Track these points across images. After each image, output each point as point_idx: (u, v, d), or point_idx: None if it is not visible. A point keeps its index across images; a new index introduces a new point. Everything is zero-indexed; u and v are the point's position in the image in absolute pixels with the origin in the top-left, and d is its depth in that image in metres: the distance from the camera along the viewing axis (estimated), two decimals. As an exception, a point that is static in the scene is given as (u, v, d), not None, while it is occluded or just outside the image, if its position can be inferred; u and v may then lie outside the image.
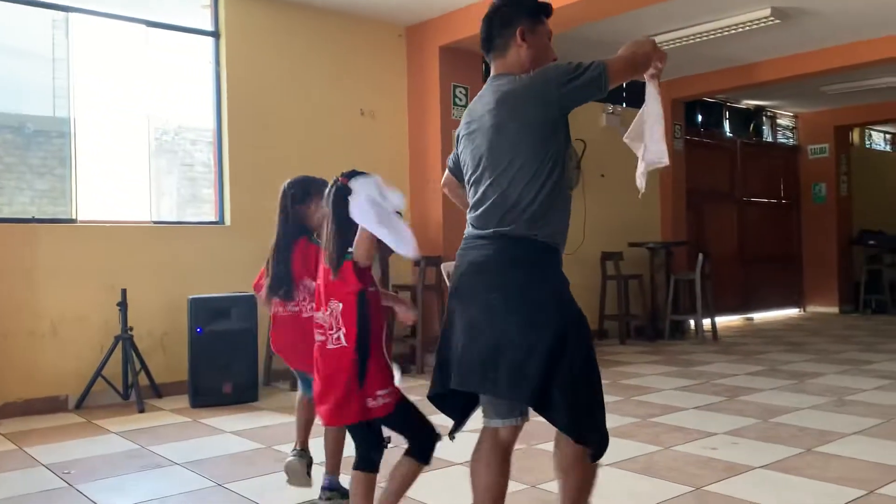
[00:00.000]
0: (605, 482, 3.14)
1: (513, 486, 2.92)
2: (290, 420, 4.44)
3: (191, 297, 5.06)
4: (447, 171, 2.50)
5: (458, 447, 2.30)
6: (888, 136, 13.00)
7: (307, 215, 2.93)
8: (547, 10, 2.26)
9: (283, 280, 2.91)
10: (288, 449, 3.77)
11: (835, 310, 10.75)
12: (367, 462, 2.33)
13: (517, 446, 2.27)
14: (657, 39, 7.07)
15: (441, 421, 2.33)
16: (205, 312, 5.02)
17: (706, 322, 8.03)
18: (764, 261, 10.58)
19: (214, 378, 4.96)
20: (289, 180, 3.00)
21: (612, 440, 3.14)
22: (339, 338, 2.24)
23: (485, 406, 2.20)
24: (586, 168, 8.21)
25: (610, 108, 8.54)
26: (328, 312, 2.26)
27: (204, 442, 4.01)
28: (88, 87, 5.30)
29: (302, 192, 2.98)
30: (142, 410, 4.77)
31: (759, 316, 10.27)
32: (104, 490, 3.18)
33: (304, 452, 3.07)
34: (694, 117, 9.98)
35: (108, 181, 5.43)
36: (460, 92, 6.64)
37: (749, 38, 7.15)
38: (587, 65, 2.07)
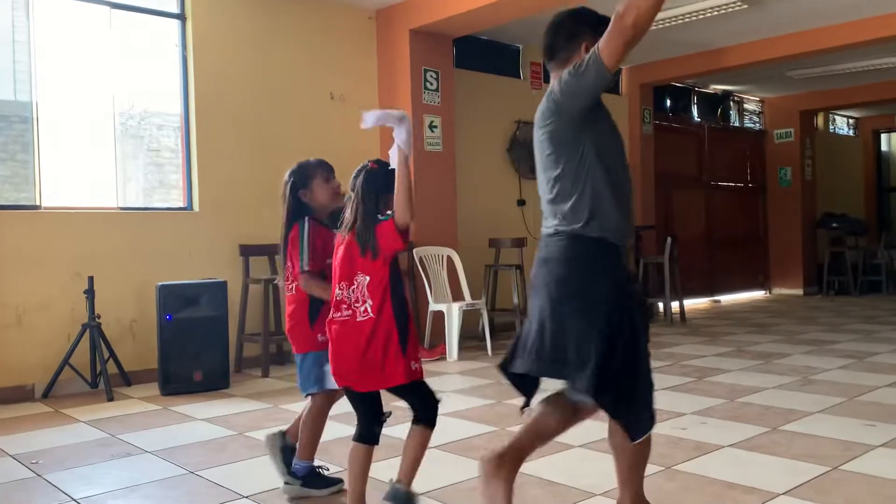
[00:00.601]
0: (578, 462, 3.19)
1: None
2: (262, 406, 4.44)
3: (159, 283, 5.00)
4: None
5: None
6: (851, 121, 13.23)
7: (312, 197, 2.98)
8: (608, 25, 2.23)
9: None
10: (260, 435, 3.76)
11: (799, 292, 10.96)
12: (371, 435, 2.47)
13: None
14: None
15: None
16: (174, 299, 4.96)
17: (674, 305, 8.14)
18: (731, 244, 10.75)
19: (185, 366, 4.92)
20: (288, 171, 3.09)
21: (584, 422, 3.18)
22: (366, 309, 2.38)
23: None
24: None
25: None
26: (353, 287, 2.39)
27: (175, 429, 3.98)
28: (51, 70, 5.18)
29: (302, 177, 3.02)
30: (111, 399, 4.72)
31: (726, 298, 10.44)
32: (74, 479, 3.15)
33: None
34: (662, 102, 10.06)
35: (73, 167, 5.32)
36: (431, 76, 6.61)
37: (717, 22, 7.21)
38: (583, 62, 2.14)
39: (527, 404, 2.38)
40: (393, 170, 2.43)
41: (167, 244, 5.49)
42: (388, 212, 2.42)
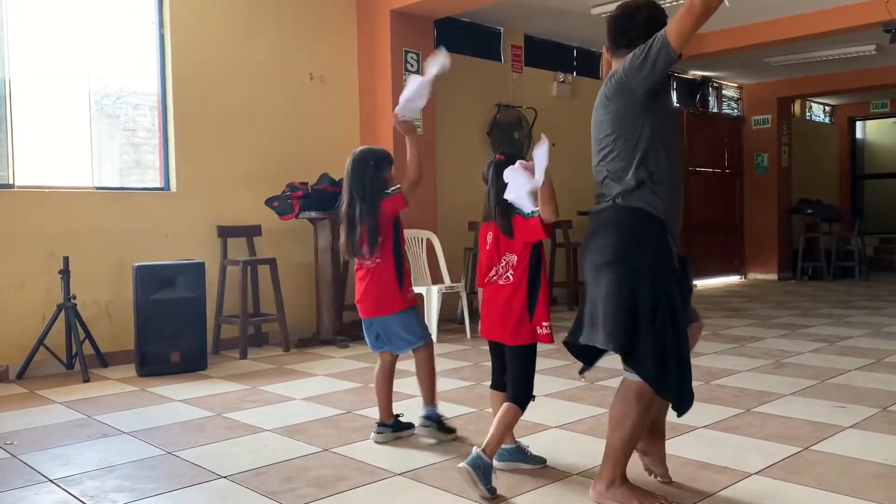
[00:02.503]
0: (554, 443, 3.23)
1: (464, 449, 2.97)
2: (239, 388, 4.43)
3: (136, 264, 4.96)
4: None
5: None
6: (827, 108, 13.37)
7: (386, 179, 3.26)
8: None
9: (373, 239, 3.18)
10: (238, 416, 3.76)
11: (774, 276, 11.11)
12: (501, 383, 2.86)
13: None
14: (608, 9, 7.13)
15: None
16: (151, 280, 4.92)
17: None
18: (707, 229, 10.84)
19: (162, 347, 4.88)
20: (361, 151, 3.29)
21: (561, 404, 3.20)
22: (508, 277, 2.76)
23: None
24: (537, 137, 8.25)
25: (561, 76, 8.57)
26: (501, 264, 2.79)
27: (152, 410, 3.96)
28: (25, 47, 5.08)
29: (379, 160, 3.25)
30: (87, 380, 4.68)
31: (702, 282, 10.55)
32: (49, 460, 3.12)
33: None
34: (642, 87, 10.07)
35: (47, 145, 5.24)
36: (412, 58, 6.57)
37: (697, 8, 7.22)
38: (650, 43, 2.28)
39: (586, 368, 2.64)
40: (518, 155, 2.83)
41: (144, 224, 5.43)
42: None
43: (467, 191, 7.58)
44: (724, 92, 11.41)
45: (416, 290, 6.17)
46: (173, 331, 4.92)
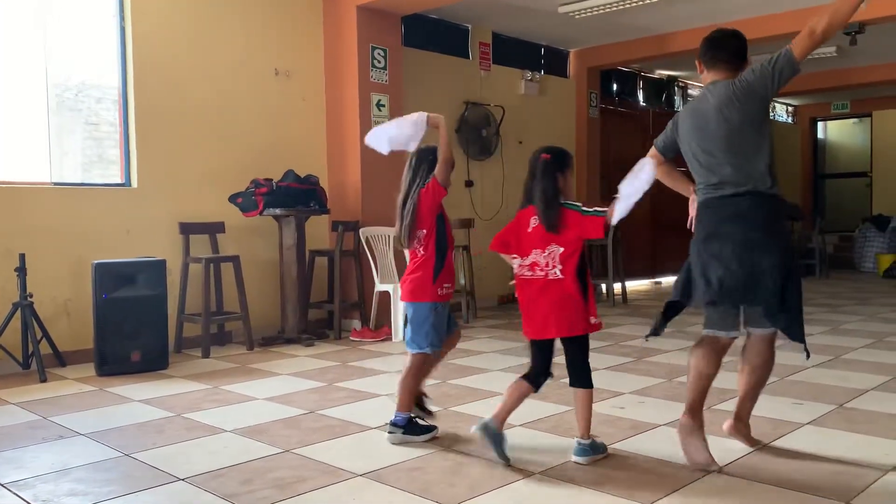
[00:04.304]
0: (518, 442, 3.23)
1: (428, 448, 2.95)
2: (201, 387, 4.36)
3: (95, 262, 4.86)
4: (657, 149, 3.29)
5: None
6: (790, 109, 13.60)
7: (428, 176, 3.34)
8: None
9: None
10: (198, 416, 3.70)
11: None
12: (536, 382, 3.01)
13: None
14: (575, 7, 7.16)
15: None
16: (110, 278, 4.82)
17: (617, 286, 8.28)
18: (672, 227, 10.92)
19: (122, 346, 4.80)
20: (421, 149, 3.39)
21: (525, 402, 3.21)
22: (556, 272, 2.91)
23: (713, 319, 2.98)
24: (505, 134, 8.26)
25: (529, 74, 8.59)
26: (545, 254, 2.92)
27: (110, 411, 3.88)
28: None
29: (435, 157, 3.35)
30: (44, 380, 4.57)
31: (667, 280, 10.66)
32: (1, 464, 3.04)
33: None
34: (609, 86, 10.16)
35: (2, 140, 5.10)
36: (379, 54, 6.53)
37: (662, 8, 7.29)
38: (777, 57, 2.81)
39: (656, 333, 3.06)
40: (565, 152, 3.10)
41: (104, 221, 5.33)
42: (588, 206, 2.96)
43: (435, 188, 7.56)
44: (689, 91, 11.53)
45: (383, 287, 6.18)
46: (133, 329, 4.83)
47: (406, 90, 7.02)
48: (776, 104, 13.08)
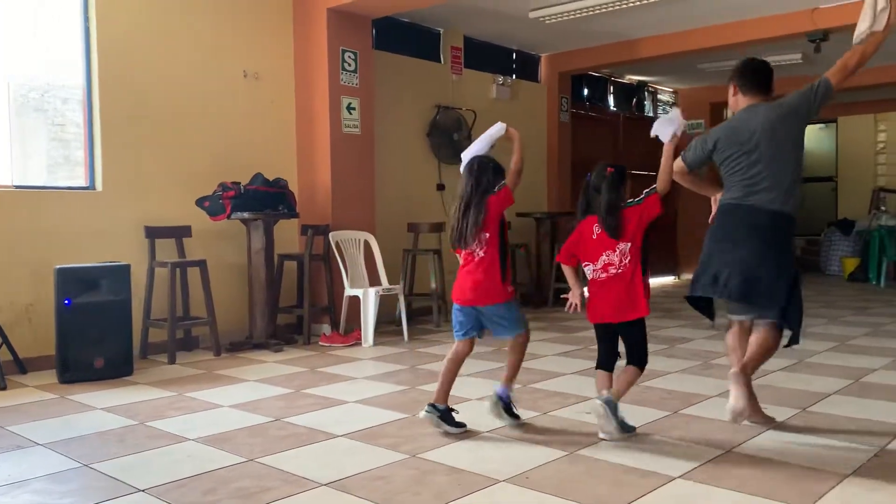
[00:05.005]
0: (484, 449, 3.23)
1: (393, 457, 2.94)
2: (166, 394, 4.30)
3: (58, 266, 4.76)
4: (684, 163, 3.64)
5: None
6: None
7: (495, 181, 3.50)
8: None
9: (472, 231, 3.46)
10: (162, 424, 3.64)
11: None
12: (608, 364, 3.41)
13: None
14: (546, 13, 7.19)
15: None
16: (73, 283, 4.73)
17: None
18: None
19: (85, 352, 4.71)
20: (481, 157, 3.58)
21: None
22: (625, 265, 3.29)
23: (736, 308, 3.48)
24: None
25: (500, 79, 8.60)
26: (616, 253, 3.30)
27: (71, 420, 3.81)
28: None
29: (498, 166, 3.55)
30: (3, 388, 4.47)
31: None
32: (-44, 475, 2.97)
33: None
34: (580, 91, 10.22)
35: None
36: (349, 57, 6.50)
37: (633, 14, 7.35)
38: (816, 85, 3.26)
39: (712, 318, 3.63)
40: (623, 166, 3.44)
41: (67, 225, 5.23)
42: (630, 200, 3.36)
43: (406, 192, 7.55)
44: (659, 96, 11.65)
45: (353, 292, 6.14)
46: (97, 335, 4.75)
47: (377, 93, 7.00)
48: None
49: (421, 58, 7.85)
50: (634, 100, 11.21)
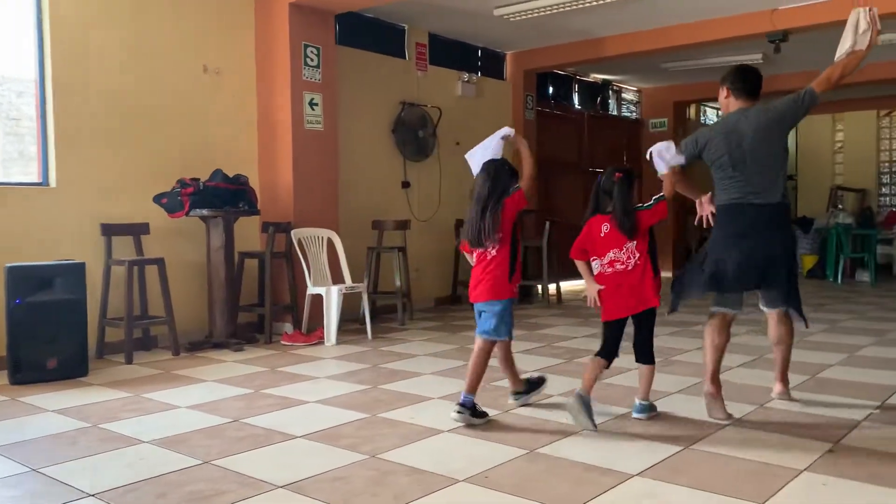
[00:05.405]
0: (445, 448, 3.20)
1: (352, 457, 2.90)
2: (121, 395, 4.20)
3: (8, 265, 4.63)
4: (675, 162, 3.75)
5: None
6: (721, 113, 13.95)
7: (510, 184, 3.65)
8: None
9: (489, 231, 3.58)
10: (116, 427, 3.56)
11: (668, 274, 11.47)
12: (609, 355, 3.58)
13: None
14: (510, 10, 7.19)
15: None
16: (25, 282, 4.60)
17: (552, 287, 8.36)
18: None
19: (37, 352, 4.58)
20: (497, 160, 3.69)
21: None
22: (635, 262, 3.53)
23: (721, 300, 3.74)
24: (441, 136, 8.24)
25: (465, 76, 8.58)
26: (623, 251, 3.54)
27: (22, 422, 3.70)
28: None
29: (513, 169, 3.71)
30: (-50, 390, 4.34)
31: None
32: None
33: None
34: (545, 89, 10.25)
35: None
36: (311, 52, 6.42)
37: (598, 12, 7.38)
38: (803, 94, 3.54)
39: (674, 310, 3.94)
40: (631, 169, 3.72)
41: (19, 222, 5.08)
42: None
43: (370, 189, 7.49)
44: (623, 95, 11.74)
45: (315, 290, 6.07)
46: (50, 335, 4.62)
47: (341, 89, 6.93)
48: (706, 108, 13.43)
49: (386, 54, 7.79)
50: (599, 98, 11.28)
